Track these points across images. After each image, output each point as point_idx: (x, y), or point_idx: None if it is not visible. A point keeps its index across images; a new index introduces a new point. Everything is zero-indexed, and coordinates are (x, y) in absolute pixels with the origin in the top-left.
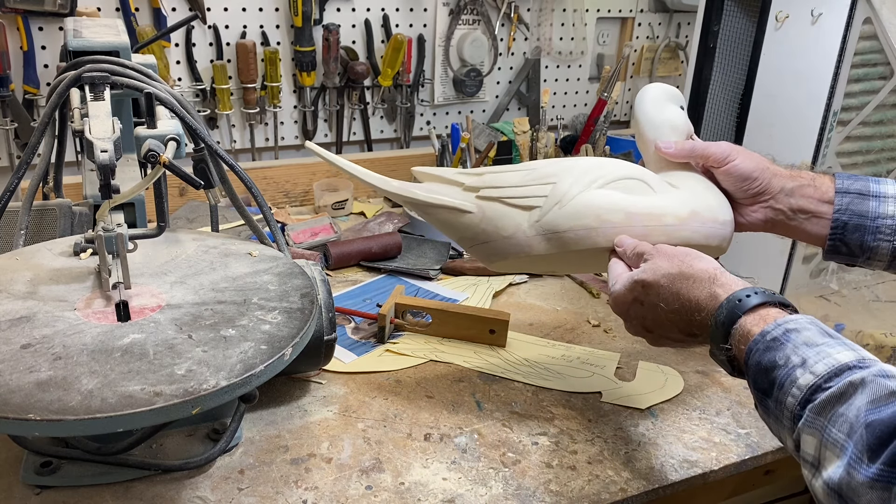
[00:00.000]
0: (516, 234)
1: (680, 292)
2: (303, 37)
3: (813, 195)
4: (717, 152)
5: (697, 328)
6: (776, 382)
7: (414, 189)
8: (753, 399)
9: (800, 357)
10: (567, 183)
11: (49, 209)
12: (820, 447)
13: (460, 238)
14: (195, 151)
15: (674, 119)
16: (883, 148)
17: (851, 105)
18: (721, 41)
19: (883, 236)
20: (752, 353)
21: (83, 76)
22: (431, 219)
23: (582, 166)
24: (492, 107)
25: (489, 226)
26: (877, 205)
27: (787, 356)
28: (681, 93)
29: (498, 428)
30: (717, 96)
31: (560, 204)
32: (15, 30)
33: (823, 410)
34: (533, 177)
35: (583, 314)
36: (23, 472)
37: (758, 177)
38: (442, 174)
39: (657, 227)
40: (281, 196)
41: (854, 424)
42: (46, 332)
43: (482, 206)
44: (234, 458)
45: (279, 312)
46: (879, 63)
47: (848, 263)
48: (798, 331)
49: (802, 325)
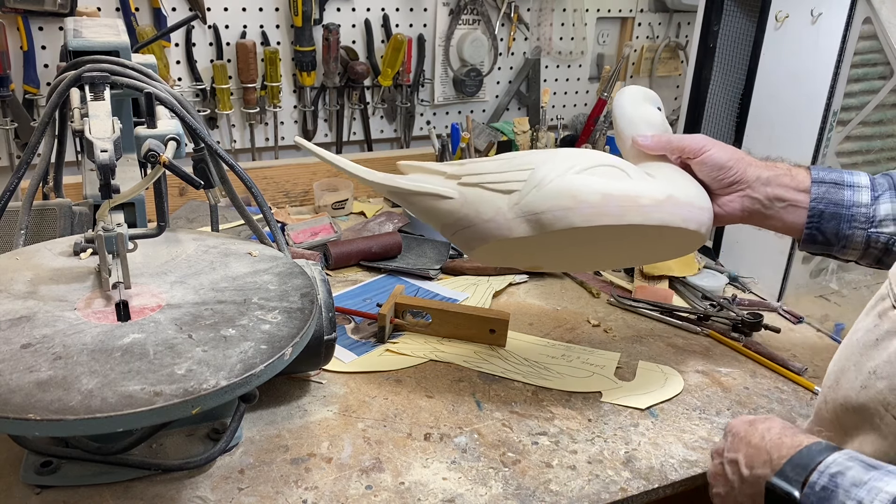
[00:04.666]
0: (496, 217)
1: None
2: (303, 37)
3: (789, 184)
4: (692, 144)
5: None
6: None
7: (398, 179)
8: None
9: (854, 501)
10: (545, 168)
11: (49, 209)
12: None
13: (443, 225)
14: (195, 151)
15: (650, 116)
16: (883, 148)
17: (851, 105)
18: (721, 41)
19: (858, 224)
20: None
21: (83, 76)
22: (414, 207)
23: (560, 154)
24: (492, 107)
25: (470, 210)
26: (851, 194)
27: (842, 503)
28: (658, 95)
29: (498, 428)
30: (717, 96)
31: (538, 187)
32: (15, 30)
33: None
34: (512, 164)
35: (583, 314)
36: (23, 471)
37: (732, 166)
38: (425, 166)
39: (633, 207)
40: (281, 196)
41: None
42: (46, 332)
43: (463, 192)
44: (234, 457)
45: (279, 312)
46: (879, 63)
47: (822, 254)
48: (842, 473)
49: (843, 465)
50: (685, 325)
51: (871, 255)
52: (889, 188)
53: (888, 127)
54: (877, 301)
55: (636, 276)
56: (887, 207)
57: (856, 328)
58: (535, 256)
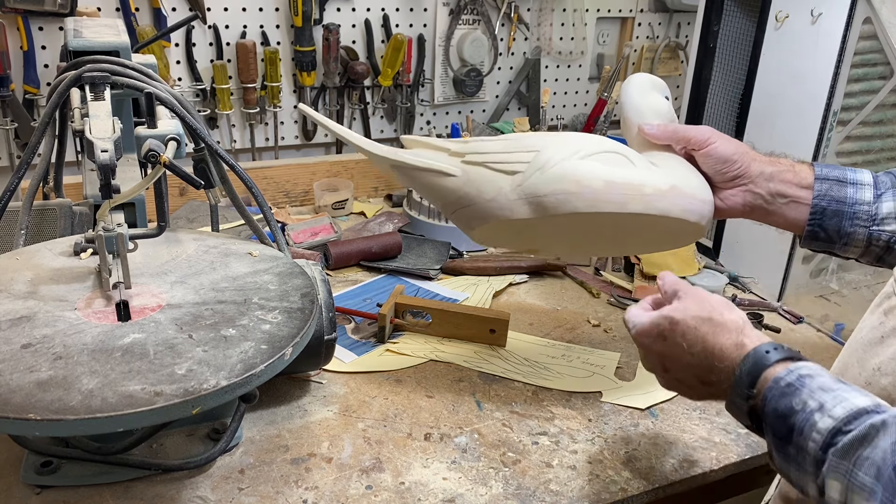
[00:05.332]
0: (498, 197)
1: (706, 337)
2: (303, 37)
3: (792, 180)
4: (698, 135)
5: (716, 375)
6: (795, 427)
7: (401, 153)
8: (769, 449)
9: (817, 402)
10: (550, 151)
11: (49, 209)
12: (847, 492)
13: (444, 203)
14: (195, 151)
15: (657, 105)
16: (883, 148)
17: (851, 105)
18: (721, 41)
19: (860, 222)
20: (769, 401)
21: (83, 76)
22: (416, 183)
23: (566, 138)
24: (492, 107)
25: (472, 189)
26: (854, 191)
27: (804, 401)
28: (665, 84)
29: (498, 428)
30: (717, 96)
31: (542, 170)
32: (15, 30)
33: (847, 454)
34: (517, 145)
35: (583, 314)
36: (23, 471)
37: (737, 160)
38: (429, 142)
39: (636, 195)
40: (281, 196)
41: (881, 467)
42: (47, 332)
43: (466, 170)
44: (235, 457)
45: (279, 312)
46: (879, 63)
47: (823, 251)
48: (811, 376)
49: (815, 371)
50: None
51: (873, 253)
52: (892, 186)
53: (888, 127)
54: (882, 299)
55: (636, 276)
56: (890, 206)
57: (860, 327)
58: (535, 240)
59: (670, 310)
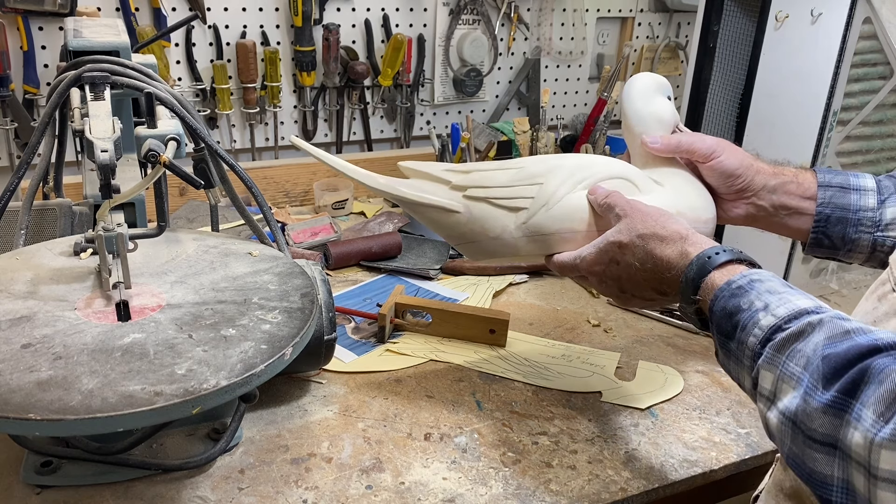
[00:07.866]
0: (503, 235)
1: (654, 251)
2: (303, 37)
3: (795, 192)
4: (703, 148)
5: (668, 285)
6: (739, 325)
7: (401, 187)
8: (715, 346)
9: (763, 302)
10: (554, 184)
11: (49, 209)
12: (777, 381)
13: (448, 236)
14: (195, 151)
15: (660, 111)
16: (883, 148)
17: (851, 105)
18: (721, 41)
19: (864, 228)
20: (718, 300)
21: (83, 76)
22: (419, 216)
23: (569, 166)
24: (492, 107)
25: (476, 226)
26: (857, 198)
27: (751, 301)
28: (668, 82)
29: (498, 428)
30: (717, 96)
31: (547, 206)
32: (15, 30)
33: (782, 348)
34: (520, 176)
35: (583, 314)
36: (23, 471)
37: (742, 174)
38: (429, 170)
39: None
40: (281, 196)
41: (811, 358)
42: (47, 332)
43: (469, 206)
44: (235, 457)
45: (279, 312)
46: (879, 63)
47: (827, 257)
48: (762, 281)
49: (766, 277)
50: (685, 325)
51: (877, 259)
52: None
53: (888, 127)
54: (877, 286)
55: None
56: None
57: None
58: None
59: (615, 234)
